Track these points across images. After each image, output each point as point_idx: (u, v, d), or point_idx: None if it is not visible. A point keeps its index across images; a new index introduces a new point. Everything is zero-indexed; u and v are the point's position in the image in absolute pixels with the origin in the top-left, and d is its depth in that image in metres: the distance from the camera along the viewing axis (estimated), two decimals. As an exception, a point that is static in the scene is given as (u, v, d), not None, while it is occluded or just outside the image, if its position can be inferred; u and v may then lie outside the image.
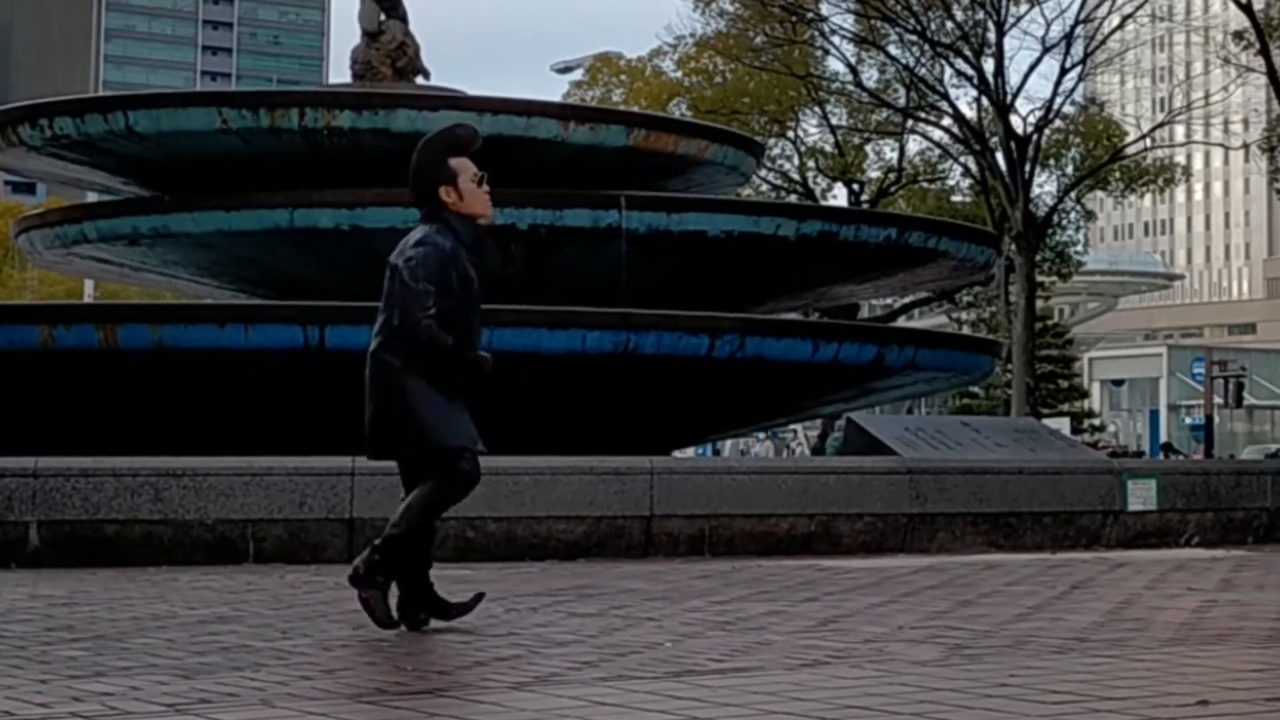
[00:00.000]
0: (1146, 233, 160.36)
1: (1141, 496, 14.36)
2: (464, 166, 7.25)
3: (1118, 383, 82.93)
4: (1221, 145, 59.82)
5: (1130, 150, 50.69)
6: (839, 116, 52.67)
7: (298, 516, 11.71)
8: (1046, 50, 44.32)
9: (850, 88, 49.83)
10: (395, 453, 7.39)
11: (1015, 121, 43.91)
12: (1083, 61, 46.19)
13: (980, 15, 43.87)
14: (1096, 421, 71.17)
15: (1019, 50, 69.33)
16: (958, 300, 57.85)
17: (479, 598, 7.41)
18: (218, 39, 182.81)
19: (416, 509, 7.19)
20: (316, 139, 17.08)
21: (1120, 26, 46.92)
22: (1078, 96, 50.14)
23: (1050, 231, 50.10)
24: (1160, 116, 53.27)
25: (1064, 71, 44.37)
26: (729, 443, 60.77)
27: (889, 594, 9.15)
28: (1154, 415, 77.61)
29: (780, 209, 24.78)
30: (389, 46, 19.23)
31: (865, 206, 50.35)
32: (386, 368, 7.19)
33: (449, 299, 7.06)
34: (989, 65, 43.31)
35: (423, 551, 7.30)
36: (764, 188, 52.66)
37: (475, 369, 7.16)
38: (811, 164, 54.14)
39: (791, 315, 24.17)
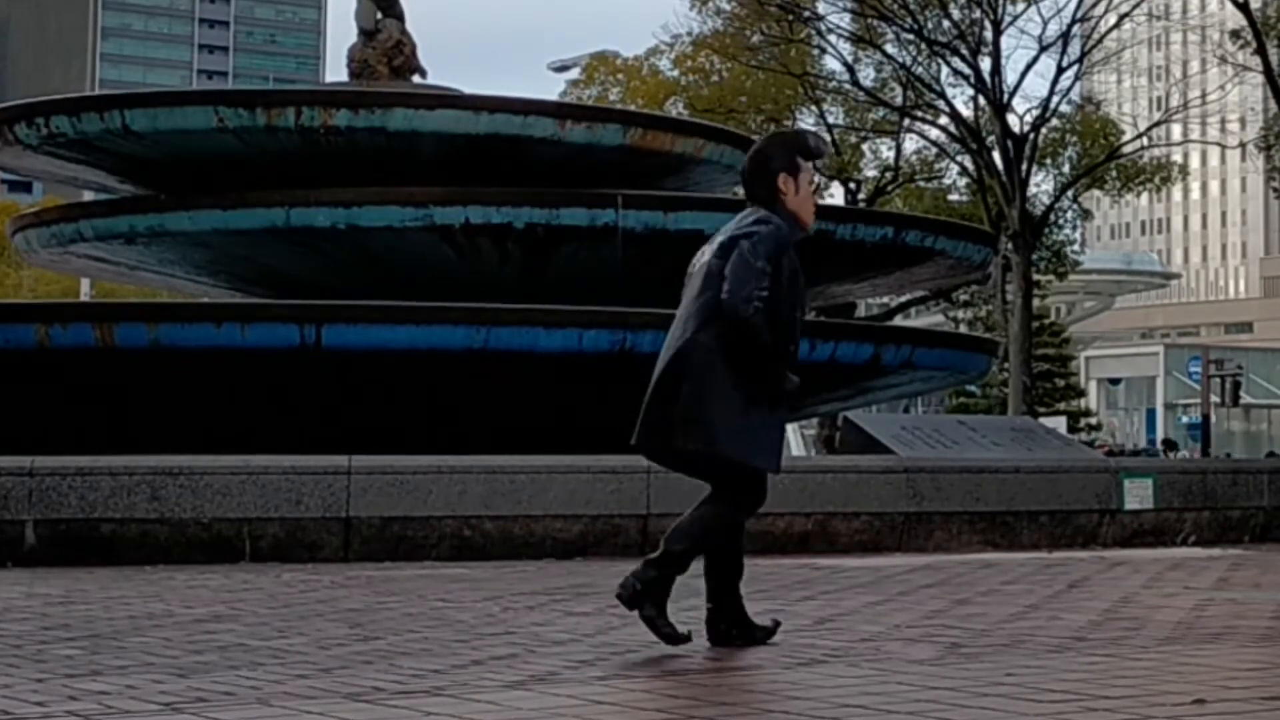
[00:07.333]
0: (1143, 231, 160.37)
1: (1138, 495, 14.36)
2: (808, 169, 6.86)
3: (1114, 381, 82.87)
4: (1218, 144, 59.75)
5: (1127, 149, 50.69)
6: (836, 115, 52.63)
7: (294, 515, 11.70)
8: (1043, 49, 44.30)
9: (847, 86, 49.80)
10: (678, 450, 6.62)
11: (1012, 120, 43.92)
12: (1079, 60, 46.20)
13: (977, 14, 43.84)
14: (1093, 420, 71.17)
15: (1016, 49, 69.64)
16: (955, 299, 57.83)
17: (777, 625, 6.73)
18: (214, 37, 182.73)
19: (698, 533, 6.50)
20: (313, 138, 17.08)
21: (1117, 25, 46.94)
22: (1074, 95, 50.24)
23: (1047, 230, 50.09)
24: (1157, 115, 53.20)
25: (1061, 70, 44.37)
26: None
27: (886, 593, 9.15)
28: (1150, 414, 77.57)
29: (777, 208, 24.74)
30: (386, 45, 19.23)
31: (862, 205, 50.32)
32: (700, 350, 6.52)
33: (778, 288, 6.53)
34: (986, 64, 43.30)
35: (725, 568, 6.63)
36: (761, 186, 52.59)
37: (780, 385, 6.58)
38: (808, 163, 54.07)
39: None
